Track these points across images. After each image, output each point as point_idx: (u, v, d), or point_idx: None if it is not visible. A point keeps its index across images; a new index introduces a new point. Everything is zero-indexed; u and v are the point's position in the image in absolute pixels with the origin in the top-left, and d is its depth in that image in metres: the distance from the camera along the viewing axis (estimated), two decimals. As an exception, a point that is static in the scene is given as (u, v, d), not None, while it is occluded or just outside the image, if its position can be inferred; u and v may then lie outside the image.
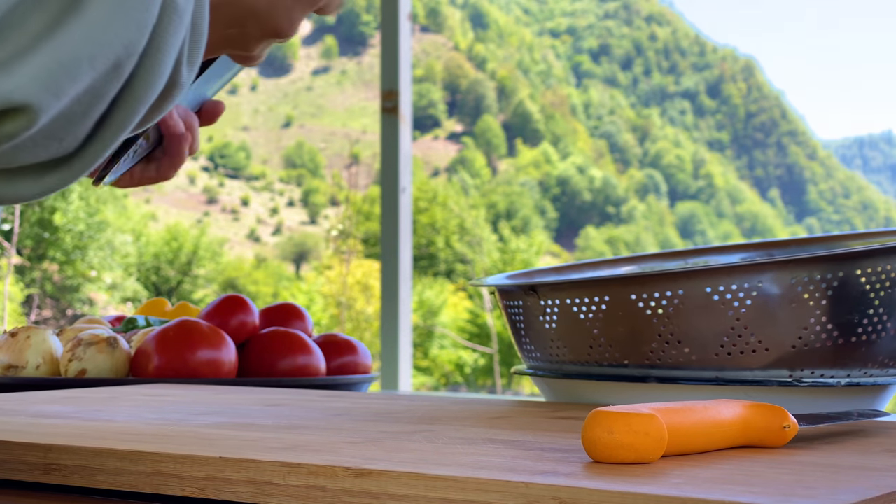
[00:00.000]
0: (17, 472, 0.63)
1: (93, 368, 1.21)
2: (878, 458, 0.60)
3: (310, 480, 0.55)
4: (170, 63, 0.52)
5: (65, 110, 0.49)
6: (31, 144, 0.49)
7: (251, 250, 30.44)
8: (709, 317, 0.86)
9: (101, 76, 0.49)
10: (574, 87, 51.30)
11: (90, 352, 1.22)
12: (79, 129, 0.50)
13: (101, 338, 1.23)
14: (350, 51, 52.53)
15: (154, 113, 0.55)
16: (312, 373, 1.30)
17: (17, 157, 0.49)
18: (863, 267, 0.86)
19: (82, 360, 1.22)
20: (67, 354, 1.22)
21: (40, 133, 0.49)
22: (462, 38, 48.92)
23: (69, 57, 0.47)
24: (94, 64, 0.48)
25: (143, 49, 0.50)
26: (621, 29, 55.30)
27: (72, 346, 1.23)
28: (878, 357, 0.89)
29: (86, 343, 1.22)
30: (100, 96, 0.50)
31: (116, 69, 0.49)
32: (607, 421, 0.56)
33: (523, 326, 0.98)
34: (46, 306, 22.07)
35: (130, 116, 0.52)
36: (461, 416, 0.80)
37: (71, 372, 1.21)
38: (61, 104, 0.48)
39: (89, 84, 0.48)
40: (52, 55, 0.47)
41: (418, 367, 20.99)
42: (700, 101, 52.00)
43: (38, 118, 0.47)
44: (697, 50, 54.47)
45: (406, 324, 2.49)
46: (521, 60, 49.64)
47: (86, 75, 0.48)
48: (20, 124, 0.47)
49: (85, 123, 0.50)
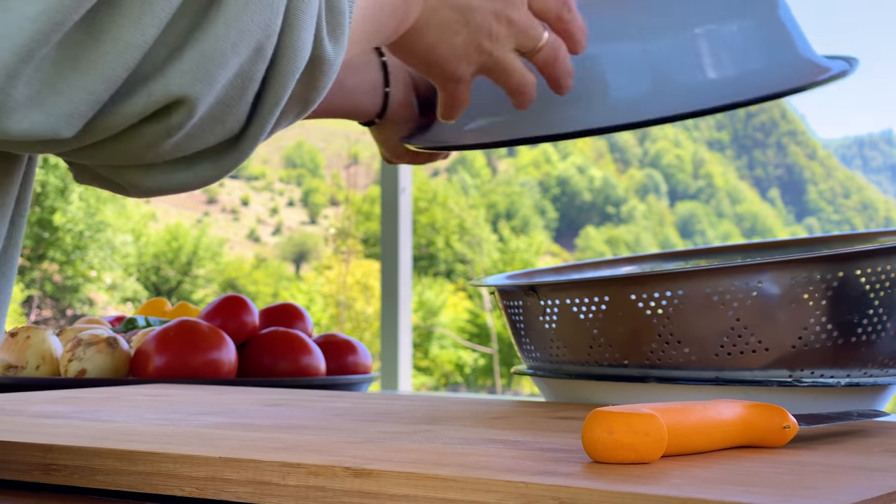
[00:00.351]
0: (16, 472, 0.63)
1: (93, 368, 1.21)
2: (878, 458, 0.60)
3: (309, 480, 0.55)
4: (308, 38, 0.56)
5: (221, 96, 0.53)
6: (200, 132, 0.54)
7: (251, 250, 30.44)
8: (709, 317, 0.86)
9: (246, 60, 0.53)
10: (574, 87, 51.11)
11: (90, 352, 1.22)
12: (237, 111, 0.55)
13: (101, 338, 1.23)
14: (350, 51, 52.43)
15: (312, 92, 0.59)
16: (312, 373, 1.30)
17: (192, 144, 0.55)
18: (863, 267, 0.86)
19: (82, 360, 1.22)
20: (67, 354, 1.22)
21: (205, 119, 0.54)
22: (462, 38, 48.77)
23: (215, 47, 0.52)
24: (238, 49, 0.52)
25: (279, 28, 0.54)
26: (621, 29, 55.10)
27: (72, 346, 1.23)
28: (879, 357, 0.89)
29: (86, 343, 1.22)
30: (249, 78, 0.54)
31: (259, 51, 0.54)
32: (607, 421, 0.56)
33: (523, 326, 0.98)
34: (46, 306, 22.07)
35: (281, 92, 0.56)
36: (461, 416, 0.80)
37: (71, 372, 1.21)
38: (215, 91, 0.53)
39: (238, 69, 0.53)
40: (200, 48, 0.51)
41: (418, 367, 20.99)
42: (700, 101, 51.85)
43: (197, 106, 0.52)
44: (697, 50, 54.29)
45: (406, 324, 2.49)
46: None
47: (232, 61, 0.52)
48: (183, 115, 0.52)
49: (242, 105, 0.55)
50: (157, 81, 0.51)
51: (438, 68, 0.77)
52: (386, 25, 0.69)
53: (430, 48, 0.75)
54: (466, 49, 0.76)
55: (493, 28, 0.76)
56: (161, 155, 0.55)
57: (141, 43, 0.49)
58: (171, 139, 0.53)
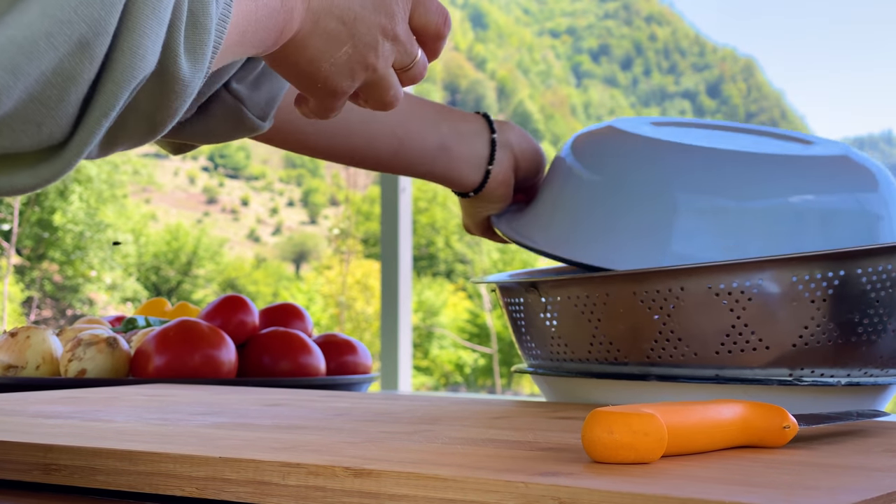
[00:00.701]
0: (16, 472, 0.63)
1: (93, 368, 1.21)
2: (878, 458, 0.60)
3: (309, 480, 0.55)
4: (151, 46, 0.51)
5: (34, 93, 0.48)
6: (8, 130, 0.49)
7: (251, 250, 30.43)
8: (709, 314, 0.86)
9: (66, 55, 0.48)
10: (574, 87, 51.29)
11: (90, 352, 1.22)
12: (57, 113, 0.50)
13: (101, 338, 1.23)
14: (350, 51, 52.43)
15: (161, 112, 0.55)
16: (312, 373, 1.30)
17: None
18: (863, 266, 0.86)
19: (82, 360, 1.22)
20: (67, 354, 1.22)
21: (13, 117, 0.49)
22: (462, 38, 48.92)
23: (23, 34, 0.47)
24: (53, 41, 0.48)
25: (113, 28, 0.50)
26: (621, 29, 55.29)
27: (72, 346, 1.23)
28: (879, 357, 0.89)
29: (86, 343, 1.22)
30: (72, 78, 0.49)
31: (84, 48, 0.49)
32: (607, 421, 0.56)
33: (524, 324, 0.98)
34: (46, 306, 22.08)
35: (112, 100, 0.51)
36: (461, 416, 0.79)
37: (71, 372, 1.21)
38: (23, 84, 0.48)
39: (55, 64, 0.48)
40: (6, 33, 0.46)
41: (418, 367, 20.98)
42: (700, 101, 52.04)
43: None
44: (697, 50, 54.48)
45: (406, 324, 2.49)
46: (520, 60, 49.65)
47: (45, 53, 0.48)
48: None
49: (64, 108, 0.50)
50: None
51: (320, 83, 0.71)
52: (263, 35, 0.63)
53: (312, 61, 0.69)
54: (351, 64, 0.70)
55: (378, 43, 0.71)
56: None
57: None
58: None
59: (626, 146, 0.97)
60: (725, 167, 0.92)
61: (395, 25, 0.72)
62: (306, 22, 0.67)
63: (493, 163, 1.06)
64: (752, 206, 0.89)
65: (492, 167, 1.06)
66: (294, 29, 0.66)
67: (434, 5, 0.74)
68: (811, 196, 0.90)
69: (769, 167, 0.92)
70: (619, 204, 0.93)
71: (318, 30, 0.68)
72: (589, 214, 0.94)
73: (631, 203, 0.92)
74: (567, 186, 0.98)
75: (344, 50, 0.70)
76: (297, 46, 0.68)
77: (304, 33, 0.67)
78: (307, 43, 0.68)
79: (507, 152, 1.07)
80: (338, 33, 0.69)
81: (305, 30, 0.67)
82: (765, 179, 0.90)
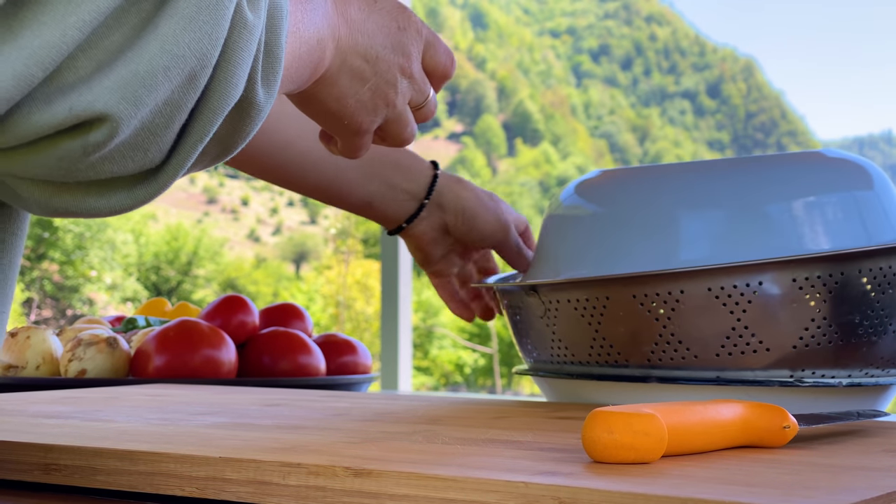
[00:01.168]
0: (17, 472, 0.63)
1: (93, 368, 1.21)
2: (879, 458, 0.60)
3: (309, 480, 0.55)
4: (242, 76, 0.55)
5: (146, 122, 0.52)
6: (119, 156, 0.52)
7: (251, 250, 30.42)
8: (710, 316, 0.86)
9: (177, 87, 0.52)
10: (574, 87, 51.27)
11: (90, 352, 1.22)
12: (162, 140, 0.53)
13: (101, 338, 1.23)
14: (350, 51, 52.37)
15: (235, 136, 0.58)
16: (312, 373, 1.30)
17: (109, 168, 0.53)
18: (864, 267, 0.86)
19: (82, 360, 1.22)
20: (67, 354, 1.22)
21: (126, 144, 0.52)
22: (462, 38, 48.90)
23: (146, 68, 0.50)
24: (170, 74, 0.51)
25: (215, 61, 0.53)
26: (621, 29, 55.28)
27: (72, 346, 1.23)
28: (880, 357, 0.89)
29: (86, 343, 1.22)
30: (179, 107, 0.52)
31: (192, 80, 0.52)
32: (607, 421, 0.56)
33: (524, 326, 0.98)
34: (46, 306, 22.07)
35: (208, 126, 0.55)
36: (461, 416, 0.80)
37: (71, 372, 1.21)
38: (141, 114, 0.51)
39: (168, 95, 0.51)
40: (130, 67, 0.50)
41: (418, 367, 20.97)
42: (700, 101, 52.00)
43: (120, 127, 0.50)
44: (697, 50, 54.45)
45: (406, 324, 2.49)
46: (521, 60, 49.63)
47: (162, 86, 0.51)
48: (103, 133, 0.50)
49: (167, 135, 0.53)
50: (81, 94, 0.49)
51: (346, 120, 0.75)
52: (302, 71, 0.67)
53: (339, 98, 0.73)
54: (374, 100, 0.75)
55: (397, 80, 0.75)
56: (74, 174, 0.52)
57: (60, 44, 0.47)
58: (87, 158, 0.51)
59: (626, 178, 0.97)
60: (724, 175, 0.92)
61: (412, 65, 0.76)
62: (335, 60, 0.71)
63: (409, 222, 1.11)
64: (752, 210, 0.89)
65: (406, 225, 1.12)
66: (325, 66, 0.70)
67: (442, 47, 0.79)
68: (812, 197, 0.90)
69: (768, 171, 0.92)
70: (625, 228, 0.93)
71: (345, 67, 0.72)
72: (597, 242, 0.94)
73: (636, 225, 0.92)
74: (570, 227, 0.97)
75: (367, 87, 0.74)
76: (327, 83, 0.72)
77: (333, 70, 0.71)
78: (335, 80, 0.72)
79: (436, 219, 1.12)
80: (362, 71, 0.73)
81: (334, 67, 0.71)
82: (764, 183, 0.91)
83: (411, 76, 0.76)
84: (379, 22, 0.73)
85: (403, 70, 0.75)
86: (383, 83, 0.74)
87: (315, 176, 1.09)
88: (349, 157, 0.79)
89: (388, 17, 0.74)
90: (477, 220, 1.12)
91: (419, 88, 0.77)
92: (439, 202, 1.11)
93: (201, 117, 0.54)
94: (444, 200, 1.11)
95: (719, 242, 0.89)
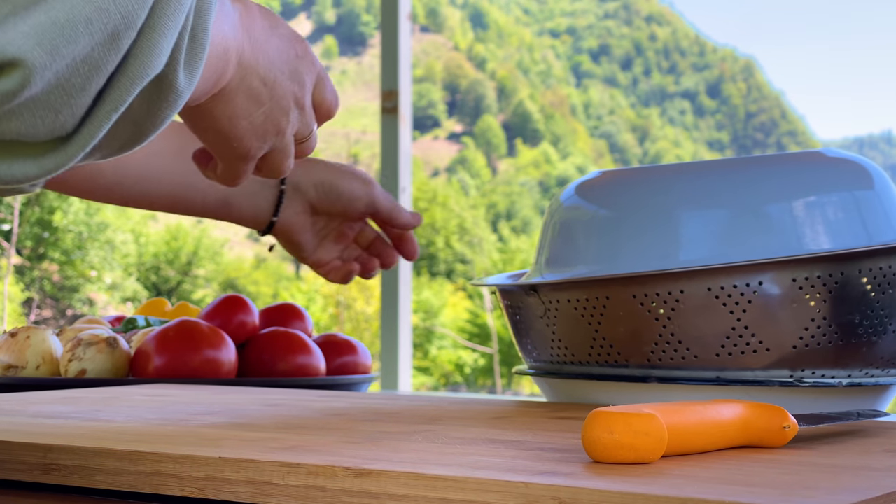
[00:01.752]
0: (16, 472, 0.63)
1: (93, 368, 1.21)
2: (879, 458, 0.60)
3: (309, 480, 0.55)
4: (166, 48, 0.52)
5: (62, 78, 0.49)
6: (29, 114, 0.49)
7: (251, 250, 30.43)
8: (709, 316, 0.86)
9: (98, 44, 0.49)
10: (574, 87, 51.29)
11: (90, 352, 1.22)
12: (76, 102, 0.51)
13: (101, 338, 1.23)
14: (350, 51, 52.48)
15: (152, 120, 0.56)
16: (312, 373, 1.30)
17: (15, 127, 0.50)
18: (864, 267, 0.86)
19: (82, 360, 1.21)
20: (67, 354, 1.22)
21: (38, 101, 0.49)
22: (462, 38, 48.91)
23: (66, 17, 0.47)
24: (91, 28, 0.48)
25: (141, 24, 0.51)
26: (621, 29, 55.28)
27: (72, 346, 1.23)
28: (880, 357, 0.89)
29: (86, 343, 1.22)
30: (97, 68, 0.50)
31: (114, 40, 0.50)
32: (607, 421, 0.56)
33: (524, 326, 0.98)
34: (46, 306, 22.07)
35: (125, 95, 0.52)
36: (461, 416, 0.80)
37: (71, 372, 1.21)
38: (57, 66, 0.48)
39: (87, 51, 0.49)
40: (49, 14, 0.47)
41: (418, 367, 20.98)
42: (700, 101, 52.02)
43: (33, 76, 0.48)
44: (697, 50, 54.47)
45: (406, 324, 2.49)
46: (521, 60, 49.65)
47: (82, 38, 0.48)
48: (15, 82, 0.47)
49: (83, 98, 0.51)
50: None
51: (235, 142, 0.72)
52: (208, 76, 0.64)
53: (232, 118, 0.70)
54: (265, 126, 0.72)
55: (290, 109, 0.72)
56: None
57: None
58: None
59: (626, 179, 0.97)
60: (724, 175, 0.92)
61: (304, 96, 0.74)
62: (236, 75, 0.68)
63: (277, 214, 1.09)
64: (752, 210, 0.89)
65: (276, 219, 1.10)
66: (227, 80, 0.68)
67: (331, 86, 0.77)
68: (812, 197, 0.90)
69: (768, 171, 0.92)
70: (625, 228, 0.93)
71: (243, 86, 0.69)
72: (597, 241, 0.94)
73: (636, 225, 0.92)
74: (570, 227, 0.97)
75: (262, 111, 0.71)
76: (223, 100, 0.69)
77: (233, 86, 0.68)
78: (232, 97, 0.69)
79: (299, 202, 1.10)
80: (259, 93, 0.70)
81: (234, 83, 0.68)
82: (764, 183, 0.91)
83: (302, 107, 0.74)
84: (279, 46, 0.71)
85: (297, 100, 0.73)
86: (277, 109, 0.72)
87: (164, 187, 1.06)
88: (228, 184, 0.76)
89: (288, 44, 0.72)
90: (339, 186, 1.10)
91: (306, 121, 0.75)
92: (295, 184, 1.09)
93: (119, 85, 0.52)
94: (299, 181, 1.09)
95: (719, 242, 0.89)
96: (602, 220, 0.94)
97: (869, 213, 0.91)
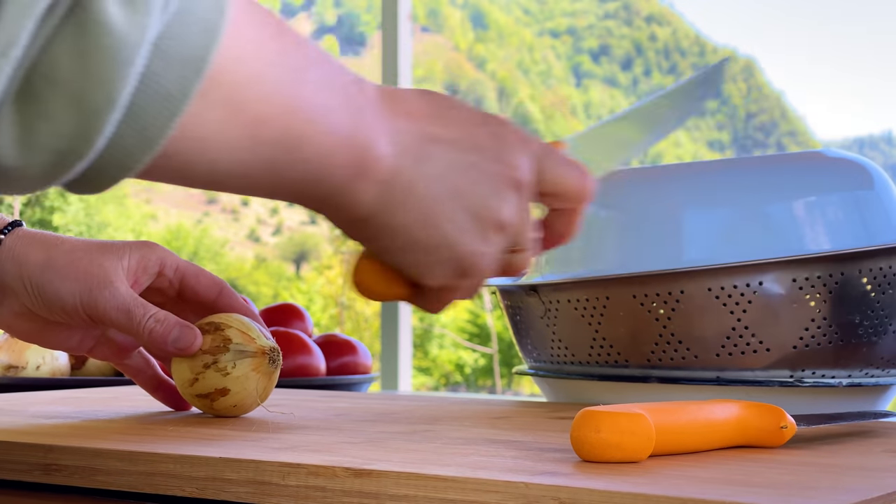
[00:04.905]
0: (17, 472, 0.63)
1: (93, 368, 1.21)
2: (879, 458, 0.60)
3: (309, 481, 0.55)
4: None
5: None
6: None
7: (251, 250, 30.45)
8: (710, 317, 0.86)
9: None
10: (574, 87, 51.24)
11: (90, 352, 1.22)
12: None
13: (101, 338, 1.23)
14: (350, 51, 52.61)
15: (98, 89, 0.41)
16: (312, 373, 1.30)
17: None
18: (864, 267, 0.86)
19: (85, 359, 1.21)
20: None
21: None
22: (462, 39, 48.85)
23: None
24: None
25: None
26: (621, 29, 55.22)
27: (72, 346, 1.23)
28: (880, 357, 0.89)
29: (86, 343, 1.23)
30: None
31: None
32: (595, 420, 0.56)
33: (524, 326, 0.98)
34: (46, 306, 22.04)
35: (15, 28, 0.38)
36: (461, 416, 0.79)
37: (71, 372, 1.21)
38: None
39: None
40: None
41: (418, 367, 20.97)
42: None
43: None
44: (697, 50, 54.43)
45: (406, 324, 2.49)
46: (521, 60, 49.63)
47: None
48: None
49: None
50: None
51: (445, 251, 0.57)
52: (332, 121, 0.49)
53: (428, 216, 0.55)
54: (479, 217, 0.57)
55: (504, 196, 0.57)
56: None
57: None
58: None
59: (626, 179, 0.97)
60: (724, 175, 0.92)
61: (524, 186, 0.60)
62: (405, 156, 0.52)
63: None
64: (752, 210, 0.89)
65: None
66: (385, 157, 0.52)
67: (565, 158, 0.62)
68: (812, 197, 0.90)
69: (768, 171, 0.92)
70: (626, 228, 0.93)
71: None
72: (597, 241, 0.94)
73: (637, 224, 0.92)
74: None
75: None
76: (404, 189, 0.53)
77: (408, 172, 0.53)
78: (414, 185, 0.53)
79: (13, 304, 0.76)
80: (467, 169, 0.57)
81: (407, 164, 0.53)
82: (764, 183, 0.91)
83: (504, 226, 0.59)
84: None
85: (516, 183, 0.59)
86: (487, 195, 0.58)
87: None
88: (436, 311, 0.59)
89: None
90: (45, 289, 0.75)
91: (522, 228, 0.60)
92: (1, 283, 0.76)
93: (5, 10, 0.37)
94: (7, 279, 0.75)
95: (720, 242, 0.89)
96: (602, 220, 0.94)
97: (869, 214, 0.91)
